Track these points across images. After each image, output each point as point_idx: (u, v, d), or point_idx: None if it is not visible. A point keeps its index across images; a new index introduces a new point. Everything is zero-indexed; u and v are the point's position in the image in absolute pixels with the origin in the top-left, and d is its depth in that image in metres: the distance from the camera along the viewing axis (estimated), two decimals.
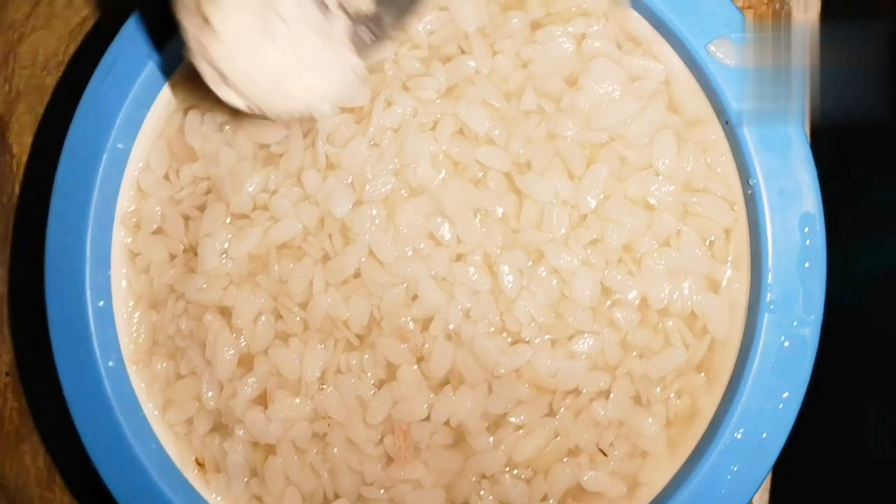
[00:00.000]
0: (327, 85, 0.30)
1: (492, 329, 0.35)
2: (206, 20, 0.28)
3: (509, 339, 0.35)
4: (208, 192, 0.37)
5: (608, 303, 0.36)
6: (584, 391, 0.35)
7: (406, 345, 0.35)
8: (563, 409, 0.35)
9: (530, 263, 0.35)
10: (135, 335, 0.38)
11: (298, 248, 0.36)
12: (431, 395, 0.35)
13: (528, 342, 0.35)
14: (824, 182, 0.35)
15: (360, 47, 0.31)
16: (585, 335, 0.35)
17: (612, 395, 0.35)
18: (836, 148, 0.41)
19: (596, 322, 0.35)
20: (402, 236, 0.36)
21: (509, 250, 0.35)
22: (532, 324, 0.35)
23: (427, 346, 0.35)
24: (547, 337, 0.35)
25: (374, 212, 0.36)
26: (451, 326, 0.35)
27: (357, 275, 0.36)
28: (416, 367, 0.36)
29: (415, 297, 0.35)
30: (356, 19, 0.30)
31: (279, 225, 0.36)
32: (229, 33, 0.28)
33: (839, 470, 0.44)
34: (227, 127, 0.38)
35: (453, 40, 0.37)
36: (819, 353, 0.34)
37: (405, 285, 0.35)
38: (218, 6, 0.28)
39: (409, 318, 0.35)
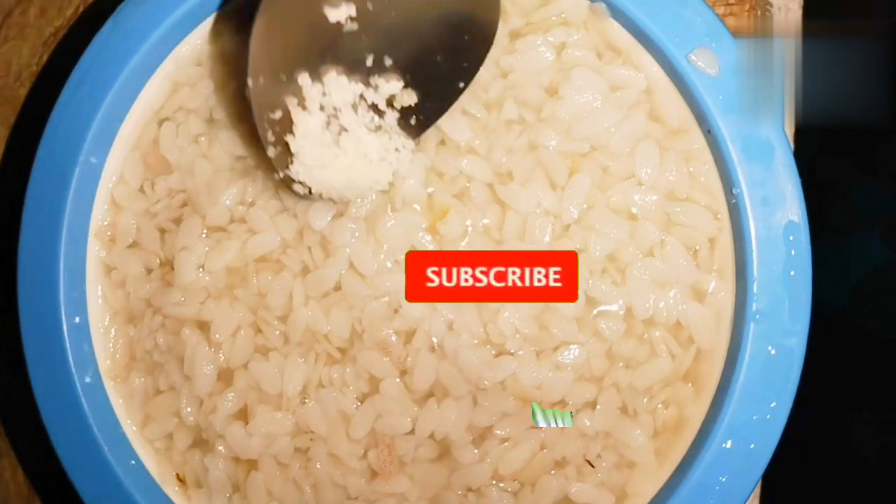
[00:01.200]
0: (385, 166, 0.35)
1: (475, 341, 0.35)
2: (286, 147, 0.33)
3: (493, 352, 0.35)
4: (184, 204, 0.37)
5: (593, 313, 0.35)
6: (570, 403, 0.35)
7: (388, 358, 0.35)
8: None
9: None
10: (112, 350, 0.37)
11: (277, 262, 0.36)
12: (415, 409, 0.35)
13: (512, 354, 0.35)
14: (808, 182, 0.35)
15: (408, 129, 0.35)
16: (571, 346, 0.35)
17: (598, 407, 0.35)
18: (818, 149, 0.41)
19: (581, 333, 0.35)
20: (383, 249, 0.35)
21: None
22: (516, 335, 0.35)
23: (410, 358, 0.35)
24: (532, 349, 0.35)
25: (354, 224, 0.35)
26: (434, 340, 0.35)
27: (337, 288, 0.35)
28: (399, 380, 0.35)
29: (396, 310, 0.35)
30: (403, 111, 0.35)
31: (257, 238, 0.36)
32: (305, 153, 0.33)
33: (829, 477, 0.44)
34: (203, 138, 0.37)
35: None
36: (805, 356, 0.34)
37: (387, 298, 0.35)
38: (293, 135, 0.33)
39: (391, 330, 0.35)
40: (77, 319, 0.36)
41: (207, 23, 0.37)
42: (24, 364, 0.36)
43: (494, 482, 0.35)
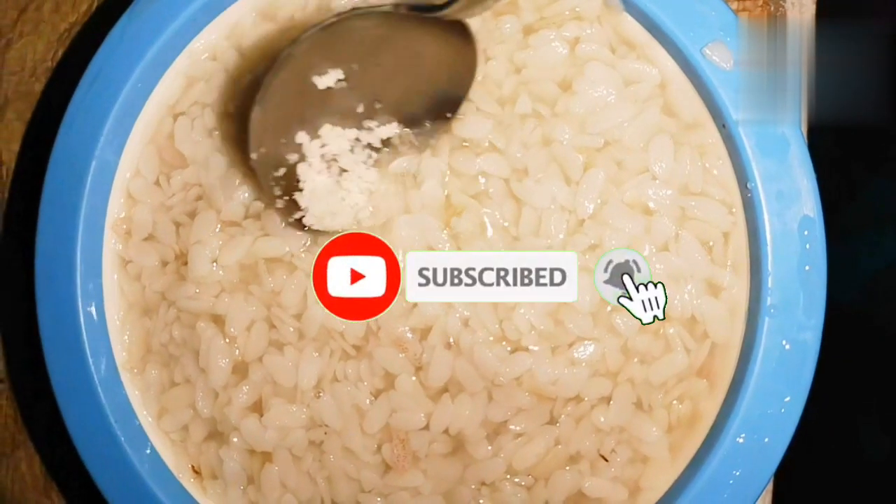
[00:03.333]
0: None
1: (491, 338, 0.35)
2: (296, 204, 0.35)
3: (509, 348, 0.35)
4: (199, 198, 0.37)
5: (608, 308, 0.35)
6: (586, 398, 0.35)
7: (404, 354, 0.35)
8: (564, 416, 0.35)
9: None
10: (128, 343, 0.37)
11: (289, 263, 0.36)
12: (430, 404, 0.35)
13: (528, 350, 0.35)
14: (822, 179, 0.35)
15: (399, 154, 0.36)
16: (586, 342, 0.35)
17: (612, 402, 0.35)
18: (833, 145, 0.41)
19: (596, 328, 0.35)
20: (398, 249, 0.35)
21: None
22: (532, 331, 0.35)
23: (426, 354, 0.35)
24: (547, 345, 0.35)
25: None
26: (451, 339, 0.35)
27: None
28: (413, 376, 0.35)
29: (412, 308, 0.35)
30: (393, 145, 0.36)
31: (268, 240, 0.36)
32: (314, 206, 0.35)
33: (843, 473, 0.44)
34: (217, 132, 0.37)
35: None
36: (819, 352, 0.34)
37: (401, 296, 0.35)
38: (301, 192, 0.35)
39: (406, 328, 0.35)
40: (94, 312, 0.36)
41: (222, 17, 0.37)
42: (41, 356, 0.36)
43: (508, 476, 0.35)
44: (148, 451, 0.37)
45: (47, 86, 0.43)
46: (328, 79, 0.35)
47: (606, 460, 0.35)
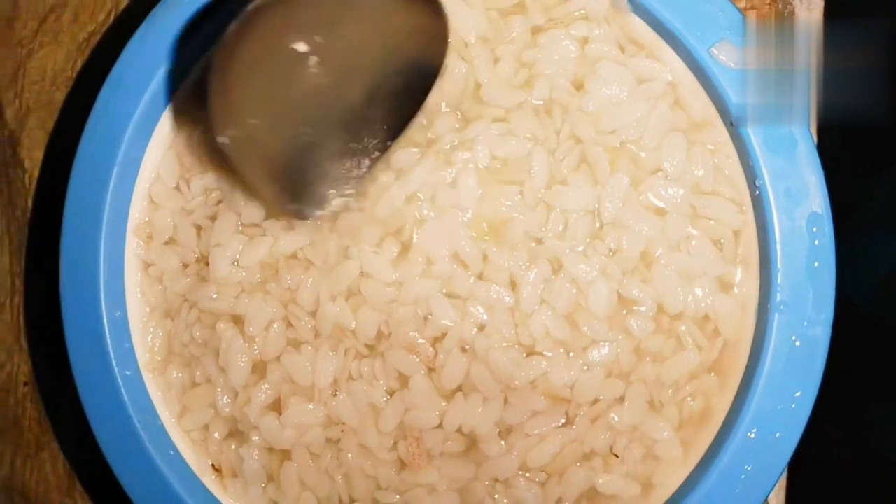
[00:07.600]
0: None
1: (506, 343, 0.35)
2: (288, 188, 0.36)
3: (524, 353, 0.35)
4: (219, 202, 0.37)
5: (624, 311, 0.35)
6: (601, 398, 0.35)
7: (418, 358, 0.35)
8: (579, 415, 0.35)
9: (552, 276, 0.35)
10: (150, 344, 0.38)
11: (306, 259, 0.36)
12: (443, 403, 0.35)
13: (542, 354, 0.35)
14: (831, 179, 0.35)
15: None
16: (600, 344, 0.35)
17: (626, 402, 0.35)
18: (842, 145, 0.41)
19: (611, 330, 0.35)
20: (416, 256, 0.36)
21: (534, 262, 0.35)
22: (546, 336, 0.35)
23: (441, 356, 0.35)
24: (561, 350, 0.35)
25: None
26: (466, 347, 0.35)
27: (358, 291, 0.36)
28: (427, 377, 0.35)
29: (427, 318, 0.35)
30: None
31: (290, 235, 0.36)
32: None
33: (856, 467, 0.44)
34: None
35: (453, 49, 0.36)
36: (830, 350, 0.34)
37: (415, 306, 0.35)
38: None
39: (419, 336, 0.35)
40: (117, 314, 0.37)
41: None
42: (66, 358, 0.37)
43: (522, 473, 0.36)
44: (170, 451, 0.37)
45: (68, 95, 0.44)
46: (298, 47, 0.32)
47: (617, 456, 0.35)
